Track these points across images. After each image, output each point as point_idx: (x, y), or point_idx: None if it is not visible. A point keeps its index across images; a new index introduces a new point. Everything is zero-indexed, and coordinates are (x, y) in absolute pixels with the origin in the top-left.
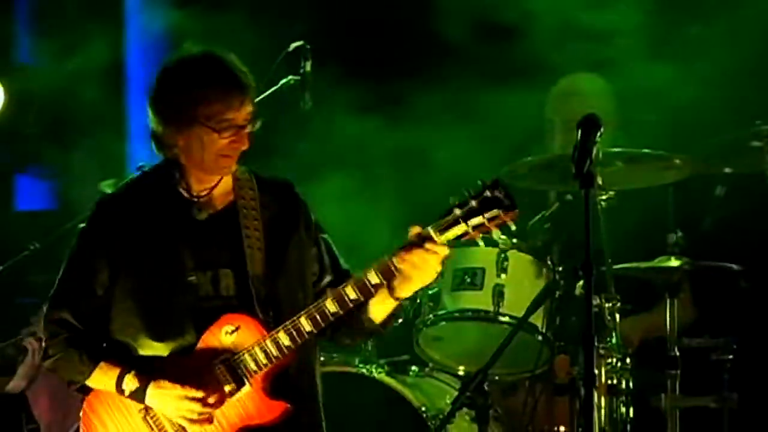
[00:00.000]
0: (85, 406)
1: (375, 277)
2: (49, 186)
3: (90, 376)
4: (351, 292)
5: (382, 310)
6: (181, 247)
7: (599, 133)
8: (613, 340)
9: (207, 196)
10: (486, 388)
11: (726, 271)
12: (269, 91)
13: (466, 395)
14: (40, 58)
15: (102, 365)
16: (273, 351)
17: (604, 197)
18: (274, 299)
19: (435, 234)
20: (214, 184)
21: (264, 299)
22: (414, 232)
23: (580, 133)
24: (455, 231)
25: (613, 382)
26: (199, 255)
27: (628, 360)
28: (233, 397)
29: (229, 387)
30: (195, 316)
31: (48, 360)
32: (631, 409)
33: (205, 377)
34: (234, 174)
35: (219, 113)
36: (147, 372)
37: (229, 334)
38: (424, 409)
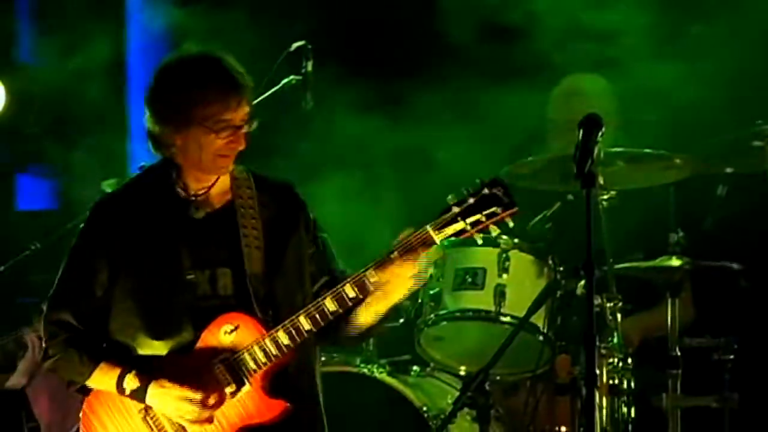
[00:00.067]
0: (84, 407)
1: (375, 276)
2: (49, 185)
3: (90, 377)
4: (350, 290)
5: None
6: (179, 246)
7: (600, 133)
8: (615, 340)
9: (204, 195)
10: (487, 388)
11: (727, 270)
12: (270, 91)
13: (468, 395)
14: (41, 57)
15: (102, 365)
16: (272, 350)
17: (606, 197)
18: (272, 298)
19: (433, 231)
20: (212, 184)
21: (263, 298)
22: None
23: (581, 133)
24: (453, 228)
25: (615, 382)
26: (197, 254)
27: (630, 360)
28: (234, 397)
29: (228, 387)
30: (193, 314)
31: (48, 360)
32: (632, 409)
33: (205, 377)
34: (232, 173)
35: (216, 114)
36: (147, 371)
37: (228, 334)
38: (425, 409)
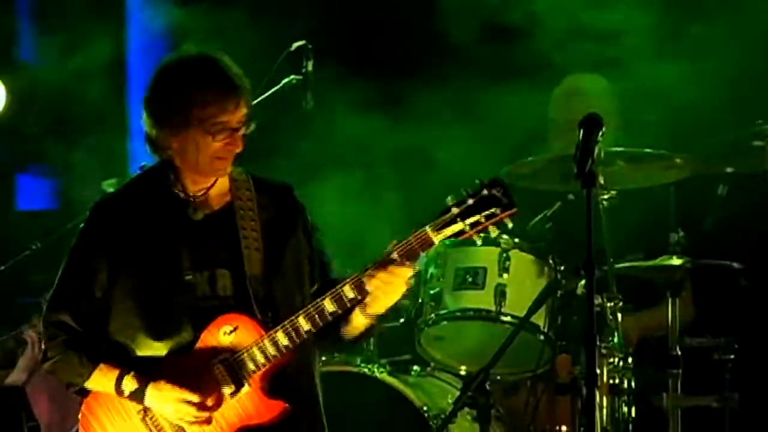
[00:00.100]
0: (83, 409)
1: (374, 277)
2: (50, 185)
3: (89, 378)
4: (349, 291)
5: (359, 321)
6: (178, 247)
7: (601, 133)
8: (615, 340)
9: (203, 197)
10: (488, 388)
11: (727, 270)
12: (271, 90)
13: (468, 395)
14: (41, 56)
15: (101, 367)
16: (271, 351)
17: (606, 196)
18: (272, 299)
19: (432, 232)
20: (210, 185)
21: (262, 299)
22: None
23: (581, 133)
24: (452, 229)
25: (615, 382)
26: (196, 255)
27: (630, 359)
28: (233, 397)
29: (228, 387)
30: (193, 315)
31: (47, 362)
32: (632, 409)
33: (204, 377)
34: (231, 175)
35: (213, 116)
36: (146, 373)
37: (227, 335)
38: (425, 408)
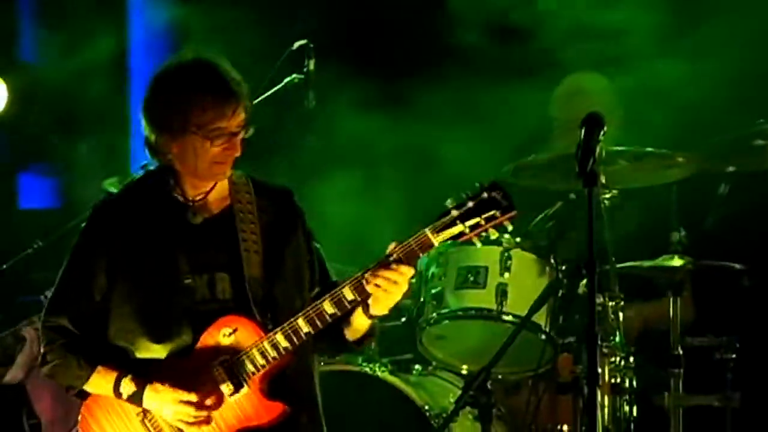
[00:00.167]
0: (83, 411)
1: (373, 279)
2: (51, 184)
3: (88, 381)
4: (348, 293)
5: (362, 322)
6: (177, 252)
7: (602, 132)
8: (617, 339)
9: (202, 201)
10: (489, 387)
11: (729, 270)
12: (273, 89)
13: (470, 394)
14: (43, 55)
15: (99, 369)
16: (271, 353)
17: (608, 196)
18: (271, 302)
19: (431, 234)
20: (209, 189)
21: (261, 301)
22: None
23: (582, 132)
24: (452, 232)
25: (617, 381)
26: (195, 259)
27: (632, 359)
28: (231, 399)
29: (227, 389)
30: (192, 318)
31: (46, 366)
32: (634, 408)
33: (203, 379)
34: (230, 178)
35: (211, 122)
36: (144, 375)
37: (227, 336)
38: (427, 407)
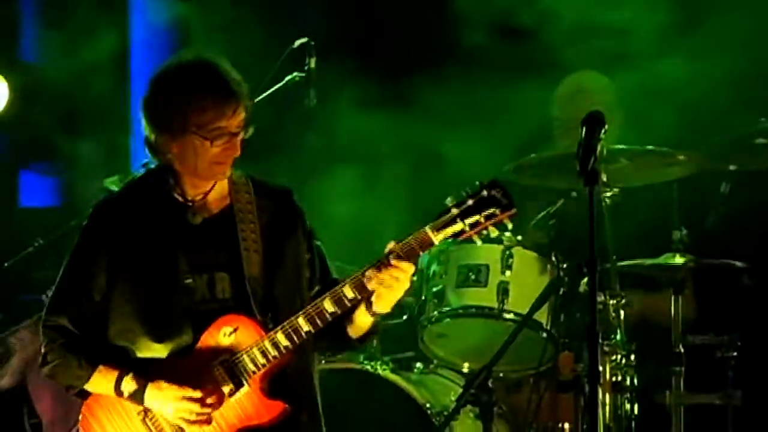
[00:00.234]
0: (84, 410)
1: (374, 277)
2: (52, 183)
3: (89, 380)
4: (349, 291)
5: (365, 319)
6: (177, 251)
7: (603, 130)
8: (618, 337)
9: (202, 201)
10: (490, 385)
11: (730, 268)
12: (274, 88)
13: (471, 392)
14: (44, 53)
15: (100, 368)
16: (271, 352)
17: (609, 194)
18: (271, 301)
19: (431, 232)
20: (209, 189)
21: (261, 300)
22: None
23: (584, 131)
24: (452, 230)
25: (618, 379)
26: (195, 258)
27: (633, 357)
28: (232, 398)
29: (227, 388)
30: (192, 318)
31: (46, 366)
32: (635, 406)
33: (204, 378)
34: (230, 178)
35: (211, 122)
36: (145, 374)
37: (227, 336)
38: (428, 405)
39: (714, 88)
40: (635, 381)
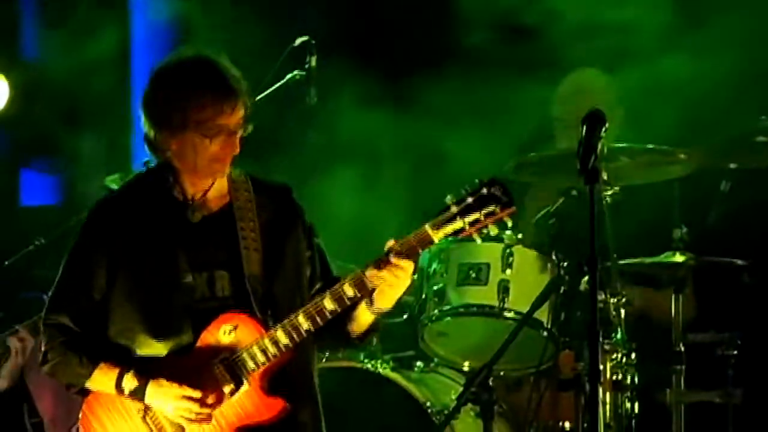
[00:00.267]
0: (84, 408)
1: (373, 275)
2: (53, 181)
3: (89, 378)
4: (348, 289)
5: (366, 316)
6: (176, 249)
7: (604, 129)
8: (618, 336)
9: (201, 199)
10: (491, 384)
11: (730, 266)
12: (275, 86)
13: (471, 391)
14: (45, 51)
15: (101, 366)
16: (271, 350)
17: (610, 192)
18: (271, 299)
19: (431, 230)
20: (208, 187)
21: (261, 298)
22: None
23: (584, 129)
24: (452, 227)
25: (618, 378)
26: (194, 257)
27: (633, 355)
28: (232, 396)
29: (227, 386)
30: (192, 316)
31: (47, 365)
32: (635, 405)
33: (204, 377)
34: (230, 176)
35: (210, 119)
36: (146, 371)
37: (227, 334)
38: (429, 404)
39: (715, 87)
40: (636, 379)
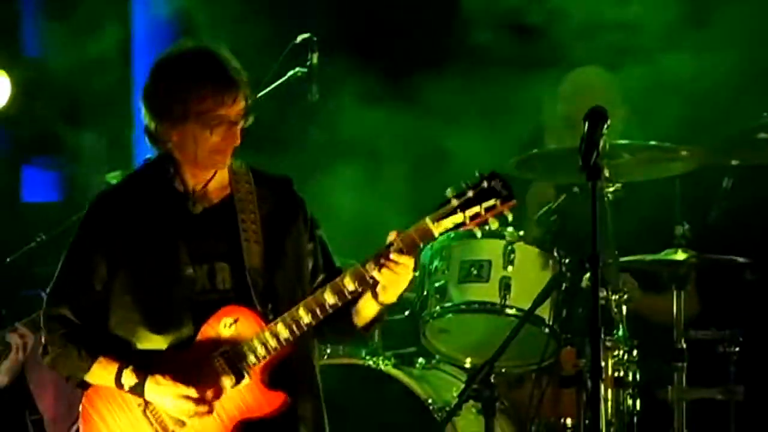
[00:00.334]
0: (84, 402)
1: (374, 269)
2: (55, 177)
3: (89, 371)
4: (349, 283)
5: (370, 309)
6: (177, 241)
7: (606, 125)
8: (620, 333)
9: (202, 190)
10: (492, 381)
11: (732, 263)
12: (276, 83)
13: (473, 387)
14: (46, 47)
15: (101, 360)
16: (272, 343)
17: (611, 189)
18: (272, 292)
19: (431, 224)
20: (209, 179)
21: (262, 291)
22: (390, 239)
23: (586, 126)
24: (452, 221)
25: (620, 375)
26: (195, 248)
27: (635, 352)
28: (233, 390)
29: (228, 380)
30: (192, 309)
31: (47, 356)
32: (637, 402)
33: (205, 370)
34: (230, 168)
35: (211, 110)
36: (146, 367)
37: (227, 327)
38: (430, 401)
39: (717, 84)
40: (637, 376)
